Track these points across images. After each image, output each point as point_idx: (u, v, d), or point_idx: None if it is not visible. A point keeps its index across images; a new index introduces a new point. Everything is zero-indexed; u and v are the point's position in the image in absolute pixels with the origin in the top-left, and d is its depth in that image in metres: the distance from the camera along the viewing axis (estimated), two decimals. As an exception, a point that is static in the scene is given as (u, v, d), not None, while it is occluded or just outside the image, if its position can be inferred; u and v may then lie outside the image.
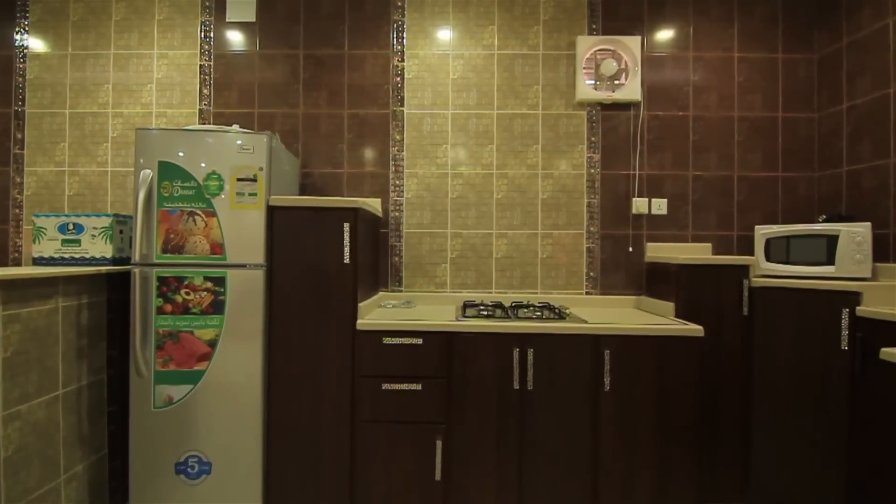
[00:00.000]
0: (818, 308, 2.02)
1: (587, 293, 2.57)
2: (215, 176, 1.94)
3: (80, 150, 2.61)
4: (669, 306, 2.24)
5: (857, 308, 1.90)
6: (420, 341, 1.96)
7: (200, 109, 2.59)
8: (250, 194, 1.95)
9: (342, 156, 2.58)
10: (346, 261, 1.97)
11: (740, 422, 2.22)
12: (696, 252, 2.56)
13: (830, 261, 2.09)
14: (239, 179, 1.95)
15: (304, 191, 2.57)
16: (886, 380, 1.75)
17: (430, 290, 2.57)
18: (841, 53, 2.45)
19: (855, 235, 2.04)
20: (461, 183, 2.58)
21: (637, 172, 2.57)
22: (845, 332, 1.93)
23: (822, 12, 2.56)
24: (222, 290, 1.94)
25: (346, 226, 1.97)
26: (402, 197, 2.58)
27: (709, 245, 2.56)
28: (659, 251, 2.54)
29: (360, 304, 2.09)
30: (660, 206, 2.57)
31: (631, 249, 2.57)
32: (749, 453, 2.22)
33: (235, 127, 2.21)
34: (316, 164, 2.59)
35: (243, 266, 1.95)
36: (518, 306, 2.31)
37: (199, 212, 1.94)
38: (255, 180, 1.95)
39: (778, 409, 2.14)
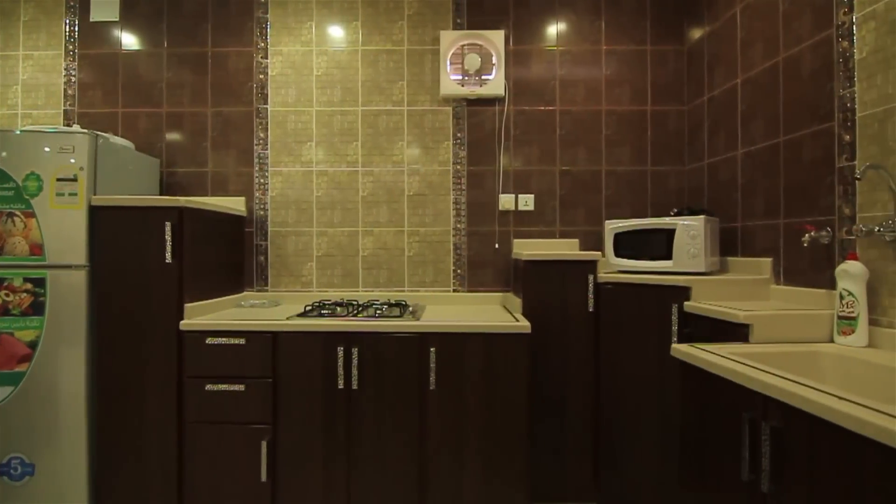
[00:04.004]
0: (654, 303, 1.99)
1: (454, 290, 2.54)
2: (34, 176, 1.93)
3: (-52, 152, 2.60)
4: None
5: (686, 303, 1.87)
6: (243, 341, 1.94)
7: (65, 110, 2.58)
8: (70, 194, 1.94)
9: (206, 154, 2.56)
10: (168, 260, 1.95)
11: (589, 421, 2.18)
12: (564, 248, 2.52)
13: (670, 255, 2.06)
14: (59, 179, 1.94)
15: (168, 190, 2.55)
16: (694, 376, 1.72)
17: (297, 289, 2.55)
18: (703, 44, 2.40)
19: (689, 229, 2.00)
20: (326, 180, 2.56)
21: (503, 168, 2.53)
22: (675, 328, 1.90)
23: (690, 3, 2.51)
24: (42, 291, 1.93)
25: (168, 225, 1.95)
26: (268, 195, 2.56)
27: (576, 241, 2.53)
28: (525, 247, 2.50)
29: (198, 304, 2.07)
30: (527, 202, 2.53)
31: (497, 246, 2.53)
32: (598, 453, 2.19)
33: (76, 127, 2.20)
34: (181, 162, 2.57)
35: (66, 267, 1.94)
36: (369, 305, 2.29)
37: (17, 213, 1.93)
38: (75, 180, 1.94)
39: (622, 408, 2.11)
